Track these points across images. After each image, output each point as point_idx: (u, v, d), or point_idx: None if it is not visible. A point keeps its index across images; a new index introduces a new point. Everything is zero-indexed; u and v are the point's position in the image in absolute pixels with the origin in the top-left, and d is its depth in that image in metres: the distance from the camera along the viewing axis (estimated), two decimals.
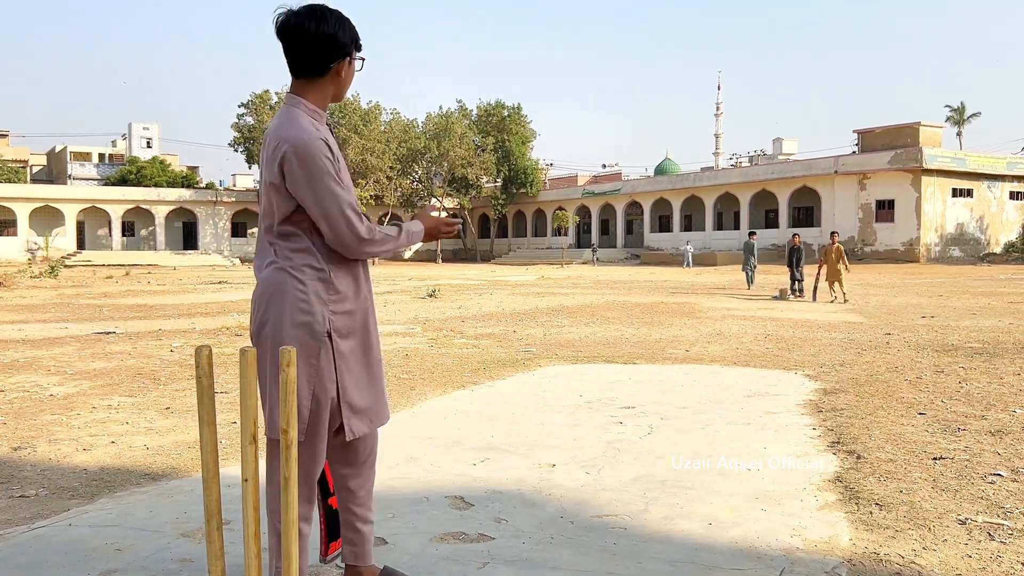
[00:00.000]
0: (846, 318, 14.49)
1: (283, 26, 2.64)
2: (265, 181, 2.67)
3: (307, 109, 2.67)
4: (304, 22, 2.62)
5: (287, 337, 2.62)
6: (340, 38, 2.65)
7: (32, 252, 60.12)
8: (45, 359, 9.16)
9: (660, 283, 28.59)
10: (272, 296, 2.65)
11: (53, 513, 3.89)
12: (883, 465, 4.64)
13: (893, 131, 49.78)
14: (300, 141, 2.56)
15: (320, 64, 2.66)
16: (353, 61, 2.75)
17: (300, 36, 2.62)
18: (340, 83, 2.74)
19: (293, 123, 2.61)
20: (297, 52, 2.65)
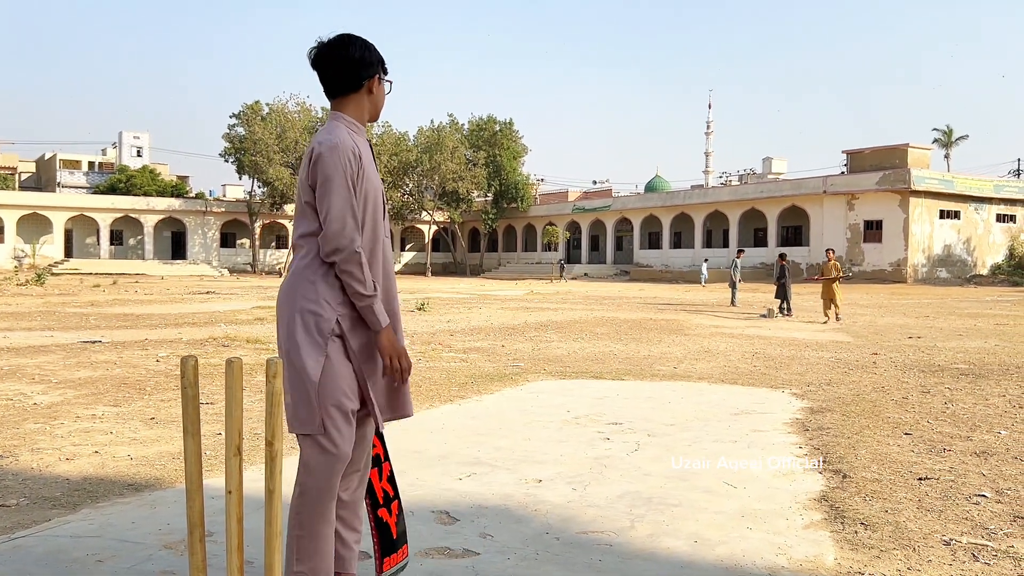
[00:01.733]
0: (833, 337, 14.54)
1: (318, 55, 2.87)
2: (300, 186, 2.81)
3: (346, 122, 2.85)
4: (335, 47, 2.85)
5: (298, 337, 2.71)
6: (367, 58, 2.86)
7: (19, 260, 59.77)
8: (29, 367, 9.10)
9: (649, 299, 28.65)
10: (284, 298, 2.79)
11: (34, 523, 3.85)
12: (869, 485, 4.65)
13: (882, 152, 50.14)
14: (330, 142, 2.72)
15: (353, 81, 2.86)
16: (382, 82, 2.95)
17: (333, 59, 2.84)
18: (373, 99, 2.93)
19: (330, 131, 2.79)
20: (332, 74, 2.86)
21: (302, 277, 2.75)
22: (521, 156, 72.51)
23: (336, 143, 2.71)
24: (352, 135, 2.80)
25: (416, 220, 75.15)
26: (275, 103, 65.24)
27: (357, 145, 2.78)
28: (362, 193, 2.75)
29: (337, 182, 2.68)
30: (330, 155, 2.69)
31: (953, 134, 73.66)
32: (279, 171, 62.07)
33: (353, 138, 2.79)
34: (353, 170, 2.72)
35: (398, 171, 67.40)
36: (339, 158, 2.69)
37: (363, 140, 2.86)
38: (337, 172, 2.69)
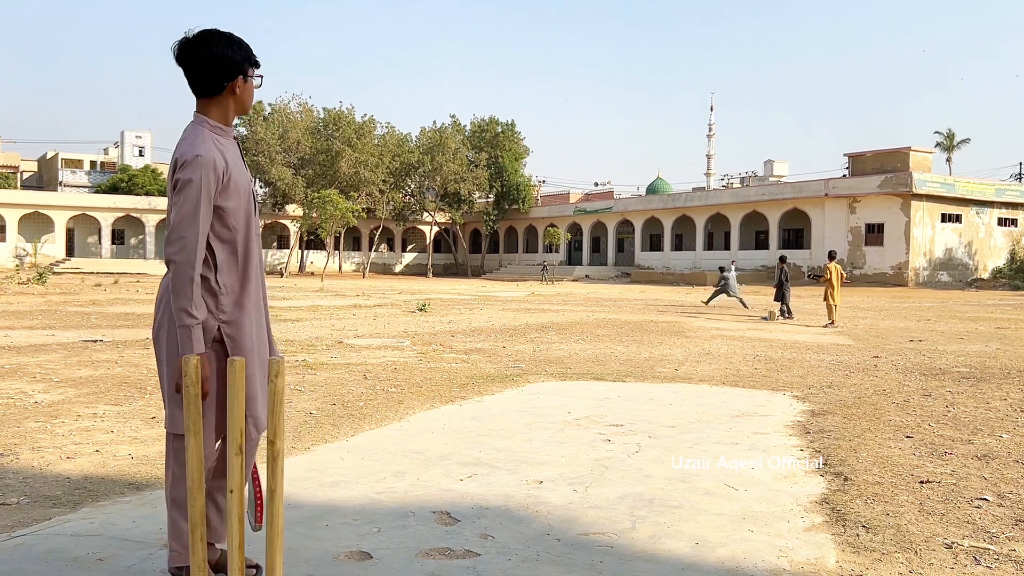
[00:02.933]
0: (835, 340, 14.54)
1: (179, 53, 2.86)
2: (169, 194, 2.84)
3: (210, 126, 2.87)
4: (196, 47, 2.84)
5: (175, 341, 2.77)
6: (230, 58, 2.86)
7: (20, 258, 59.78)
8: (31, 366, 9.10)
9: (650, 301, 28.63)
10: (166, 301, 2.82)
11: (35, 521, 3.85)
12: (870, 488, 4.64)
13: (883, 155, 50.12)
14: (192, 153, 2.74)
15: (215, 83, 2.86)
16: (249, 79, 2.94)
17: (194, 60, 2.85)
18: (238, 99, 2.94)
19: (194, 139, 2.80)
20: (194, 75, 2.87)
21: None
22: (523, 157, 72.54)
23: (199, 154, 2.73)
24: (217, 141, 2.83)
25: (418, 221, 75.16)
26: (277, 103, 65.25)
27: (223, 154, 2.80)
28: (233, 201, 2.82)
29: (190, 194, 2.71)
30: (190, 167, 2.72)
31: (955, 137, 73.71)
32: (281, 171, 62.08)
33: (218, 145, 2.82)
34: (212, 185, 2.75)
35: (400, 172, 67.42)
36: (198, 171, 2.72)
37: (229, 142, 2.90)
38: (193, 185, 2.71)
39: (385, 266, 77.08)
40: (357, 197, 63.33)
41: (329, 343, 12.38)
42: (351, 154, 61.58)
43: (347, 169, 61.59)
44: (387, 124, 68.19)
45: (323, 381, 8.38)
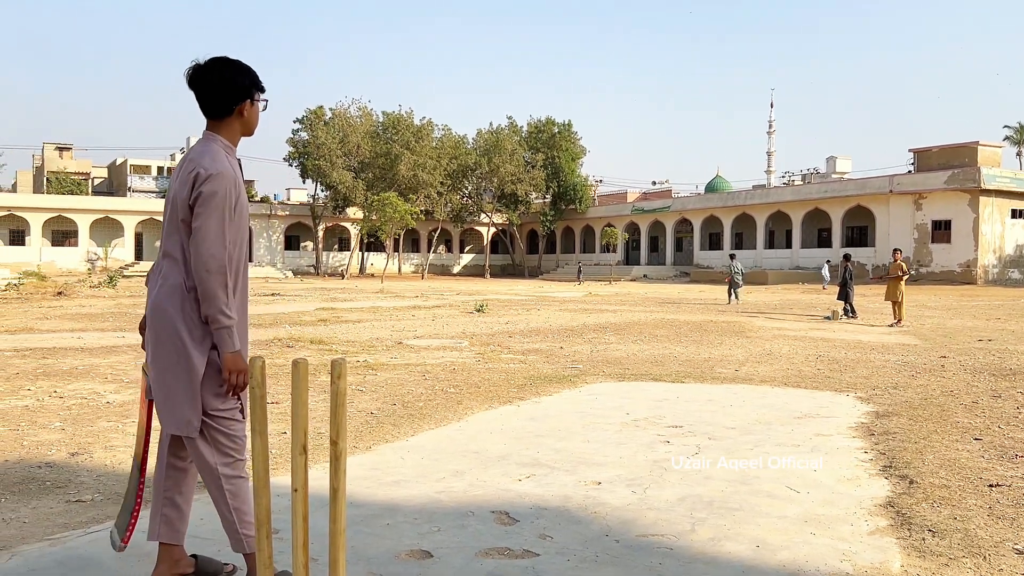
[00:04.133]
0: (900, 340, 14.22)
1: (191, 78, 3.06)
2: (174, 202, 3.00)
3: (222, 144, 3.06)
4: (207, 73, 3.04)
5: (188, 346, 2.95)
6: (238, 83, 3.06)
7: (92, 262, 61.64)
8: (102, 367, 9.39)
9: (710, 301, 28.33)
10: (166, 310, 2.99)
11: (108, 518, 3.98)
12: (937, 491, 4.55)
13: (950, 150, 48.83)
14: (216, 170, 2.93)
15: (224, 106, 3.06)
16: (256, 103, 3.13)
17: (204, 84, 3.04)
18: (245, 122, 3.13)
19: (212, 156, 2.98)
20: (205, 98, 3.06)
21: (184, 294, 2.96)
22: (580, 157, 72.37)
23: (221, 171, 2.93)
24: (228, 159, 3.03)
25: (475, 222, 75.53)
26: (337, 108, 66.17)
27: (235, 173, 2.99)
28: (237, 219, 2.98)
29: (216, 206, 2.90)
30: (215, 182, 2.90)
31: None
32: (342, 175, 62.95)
33: (230, 163, 3.01)
34: (232, 200, 2.95)
35: (457, 174, 67.83)
36: (223, 184, 2.91)
37: (234, 160, 3.08)
38: (218, 197, 2.90)
39: (443, 267, 77.61)
40: (416, 199, 63.91)
41: (389, 344, 12.53)
42: (410, 157, 62.16)
43: (406, 172, 62.17)
44: (444, 126, 68.63)
45: (383, 381, 8.49)
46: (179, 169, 3.04)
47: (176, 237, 3.00)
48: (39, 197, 66.56)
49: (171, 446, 3.15)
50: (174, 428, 3.01)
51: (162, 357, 2.99)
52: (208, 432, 3.00)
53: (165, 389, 3.00)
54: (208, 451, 3.01)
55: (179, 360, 2.95)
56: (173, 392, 2.97)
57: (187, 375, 2.95)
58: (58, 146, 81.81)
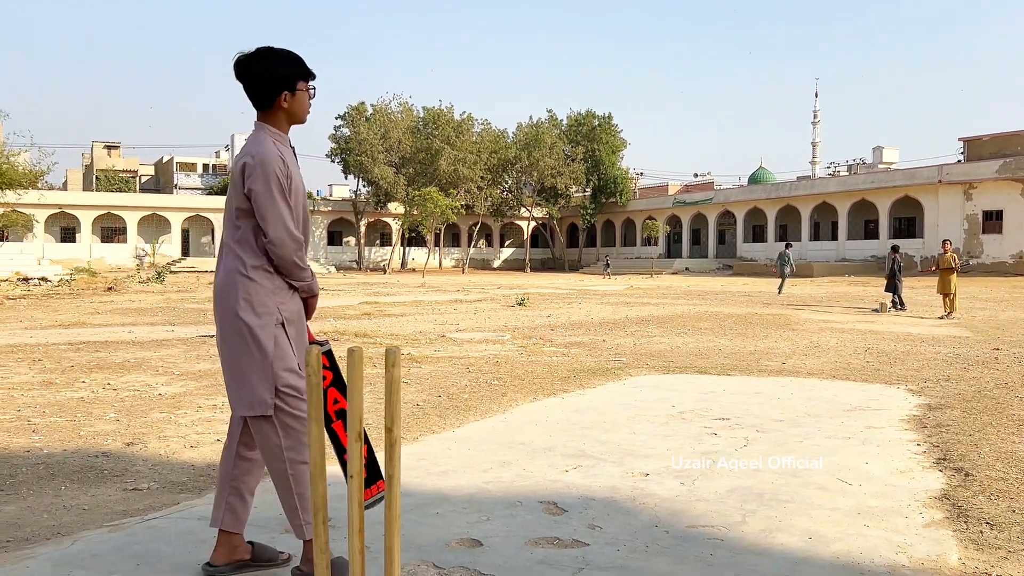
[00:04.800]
0: (951, 332, 13.96)
1: (236, 69, 3.12)
2: (229, 195, 3.10)
3: (271, 133, 3.12)
4: (248, 64, 3.09)
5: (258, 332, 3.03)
6: (279, 74, 3.09)
7: (140, 258, 62.75)
8: (154, 360, 9.57)
9: (754, 294, 28.04)
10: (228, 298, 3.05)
11: (164, 506, 4.06)
12: (993, 483, 4.46)
13: (1002, 139, 47.72)
14: (260, 155, 3.00)
15: (266, 98, 3.11)
16: (298, 92, 3.14)
17: (247, 75, 3.10)
18: (290, 111, 3.16)
19: (257, 143, 3.06)
20: (249, 89, 3.13)
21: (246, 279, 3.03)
22: (620, 150, 72.01)
23: (265, 156, 2.99)
24: (277, 145, 3.07)
25: (515, 216, 75.54)
26: (379, 104, 66.54)
27: (282, 155, 3.04)
28: (293, 197, 3.06)
29: (274, 193, 2.99)
30: (262, 169, 2.98)
31: None
32: (383, 170, 63.35)
33: (278, 147, 3.06)
34: (283, 181, 3.01)
35: (497, 168, 67.88)
36: (269, 168, 2.98)
37: (286, 149, 3.12)
38: (271, 183, 2.98)
39: (483, 261, 77.76)
40: (456, 194, 64.10)
41: (432, 337, 12.59)
42: (450, 152, 62.34)
43: (446, 167, 62.37)
44: (484, 121, 68.67)
45: (428, 374, 8.54)
46: (234, 164, 3.13)
47: (231, 226, 3.09)
48: (89, 195, 67.96)
49: (242, 436, 3.18)
50: (247, 409, 3.04)
51: (229, 341, 3.06)
52: (278, 415, 3.04)
53: (236, 371, 3.05)
54: (276, 434, 3.04)
55: (246, 341, 3.02)
56: (245, 373, 3.03)
57: (257, 354, 3.02)
58: (106, 144, 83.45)
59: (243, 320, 3.02)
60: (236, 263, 3.05)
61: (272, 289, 3.08)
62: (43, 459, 4.99)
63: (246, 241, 3.05)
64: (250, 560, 3.21)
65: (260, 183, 2.98)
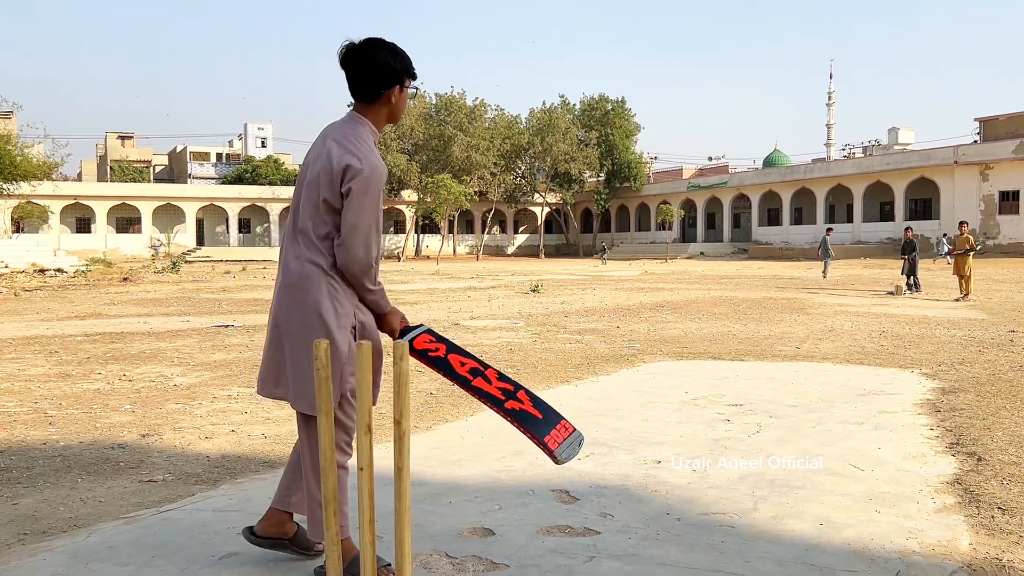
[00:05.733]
0: (967, 315, 13.87)
1: (344, 57, 3.02)
2: (316, 181, 2.95)
3: (370, 130, 3.04)
4: (359, 53, 3.00)
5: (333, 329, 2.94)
6: (391, 66, 3.00)
7: (155, 248, 63.14)
8: (169, 351, 9.64)
9: (769, 278, 27.94)
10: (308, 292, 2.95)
11: (179, 497, 4.10)
12: (1006, 468, 4.44)
13: (1018, 119, 47.31)
14: (372, 165, 2.90)
15: (373, 90, 3.02)
16: (405, 89, 3.07)
17: (356, 65, 3.00)
18: (393, 108, 3.08)
19: (361, 142, 2.95)
20: (355, 79, 3.02)
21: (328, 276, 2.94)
22: (634, 135, 71.71)
23: (375, 166, 2.90)
24: (375, 147, 3.01)
25: (529, 203, 75.43)
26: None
27: (383, 165, 2.97)
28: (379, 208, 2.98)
29: (371, 204, 2.90)
30: (371, 176, 2.89)
31: None
32: (396, 157, 63.34)
33: (378, 154, 2.99)
34: (382, 197, 2.97)
35: (510, 154, 67.75)
36: (377, 182, 2.91)
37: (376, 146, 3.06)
38: (372, 195, 2.90)
39: (498, 248, 77.75)
40: (469, 180, 64.04)
41: (446, 325, 12.62)
42: (463, 138, 62.25)
43: (459, 153, 62.30)
44: (497, 107, 68.48)
45: None
46: (322, 145, 3.00)
47: (318, 216, 2.95)
48: (103, 185, 68.38)
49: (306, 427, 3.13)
50: (308, 407, 2.95)
51: (302, 335, 2.95)
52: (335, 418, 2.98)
53: (303, 367, 2.94)
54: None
55: (323, 338, 2.89)
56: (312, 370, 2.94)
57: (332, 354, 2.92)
58: (120, 135, 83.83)
59: (323, 317, 2.92)
60: (318, 257, 2.94)
61: (351, 292, 3.00)
62: (60, 451, 5.04)
63: (330, 239, 2.95)
64: (289, 541, 3.22)
65: (359, 193, 2.88)
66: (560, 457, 2.90)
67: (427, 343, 3.14)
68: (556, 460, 2.91)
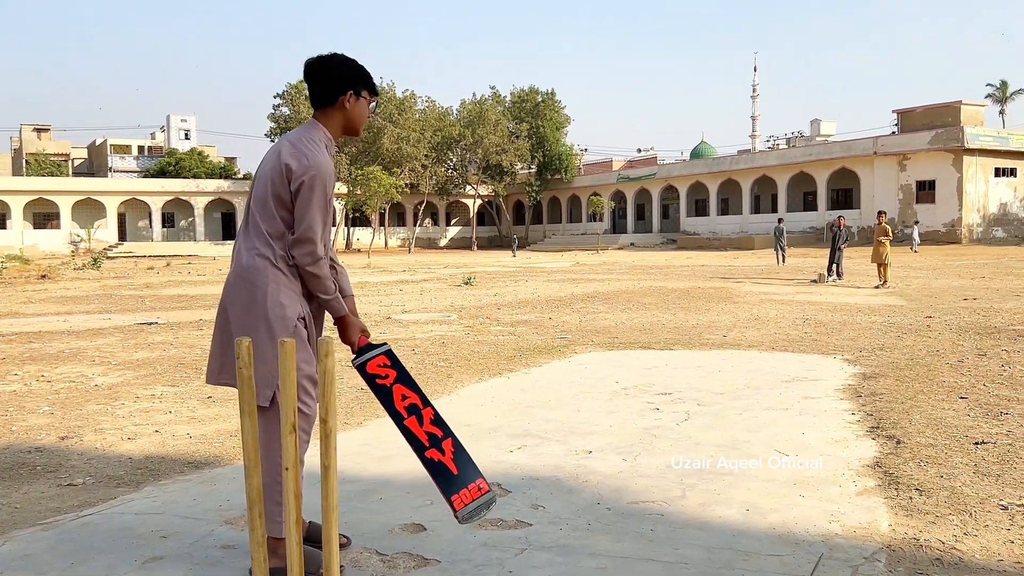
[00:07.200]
0: (886, 301, 14.31)
1: (305, 68, 3.20)
2: (266, 178, 3.09)
3: (324, 136, 3.17)
4: (317, 61, 3.19)
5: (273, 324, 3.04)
6: (343, 74, 3.17)
7: (75, 244, 61.21)
8: (89, 350, 9.35)
9: (697, 268, 28.39)
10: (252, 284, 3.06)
11: (100, 501, 3.98)
12: (923, 450, 4.59)
13: (934, 111, 48.89)
14: (318, 166, 3.03)
15: (326, 95, 3.17)
16: (360, 98, 3.20)
17: (313, 73, 3.18)
18: (348, 116, 3.20)
19: (315, 145, 3.09)
20: (312, 86, 3.20)
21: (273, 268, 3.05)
22: (564, 127, 72.10)
23: (321, 165, 3.04)
24: (328, 150, 3.16)
25: (460, 195, 75.27)
26: None
27: (330, 165, 3.11)
28: (328, 207, 3.10)
29: (318, 202, 3.04)
30: (316, 175, 3.02)
31: (1008, 88, 71.59)
32: None
33: (327, 155, 3.12)
34: (329, 192, 3.08)
35: (441, 146, 67.47)
36: (324, 181, 3.04)
37: (331, 152, 3.19)
38: (319, 193, 3.03)
39: (430, 240, 77.43)
40: (400, 173, 63.61)
41: (377, 319, 12.52)
42: (393, 130, 61.77)
43: (389, 145, 61.81)
44: (427, 99, 68.15)
45: None
46: (276, 146, 3.14)
47: (266, 212, 3.08)
48: (19, 180, 65.96)
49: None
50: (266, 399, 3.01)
51: (246, 324, 3.02)
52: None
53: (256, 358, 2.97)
54: (277, 427, 2.97)
55: (268, 328, 3.00)
56: (261, 360, 2.97)
57: (270, 344, 2.99)
58: (36, 127, 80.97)
59: (268, 308, 3.02)
60: (266, 250, 3.06)
61: (295, 287, 3.10)
62: None
63: (281, 235, 3.07)
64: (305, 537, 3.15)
65: (307, 190, 3.01)
66: (461, 518, 2.99)
67: (379, 367, 3.18)
68: (458, 520, 3.01)
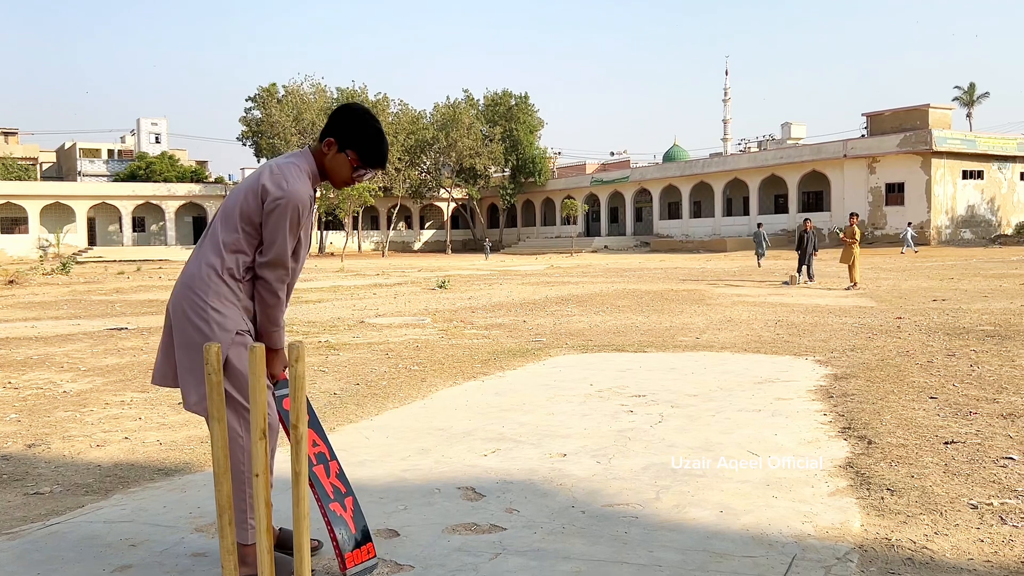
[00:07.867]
0: (857, 303, 14.45)
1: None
2: (241, 192, 3.10)
3: (308, 163, 3.18)
4: (345, 104, 3.29)
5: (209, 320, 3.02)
6: (339, 123, 3.18)
7: (43, 249, 60.39)
8: (58, 356, 9.22)
9: (671, 270, 28.53)
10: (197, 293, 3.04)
11: (68, 509, 3.92)
12: (894, 450, 4.63)
13: (902, 114, 49.51)
14: (294, 193, 3.05)
15: (323, 132, 3.21)
16: (342, 154, 3.18)
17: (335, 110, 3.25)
18: (328, 163, 3.20)
19: (295, 169, 3.11)
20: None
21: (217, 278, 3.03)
22: (537, 130, 72.21)
23: (299, 195, 3.05)
24: (308, 183, 3.15)
25: (434, 198, 75.14)
26: (291, 85, 65.31)
27: (306, 194, 3.12)
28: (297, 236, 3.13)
29: (288, 229, 3.05)
30: (291, 203, 3.03)
31: (975, 91, 72.59)
32: None
33: (304, 184, 3.12)
34: (303, 221, 3.11)
35: (415, 149, 67.35)
36: (296, 209, 3.05)
37: (314, 187, 3.22)
38: (291, 220, 3.05)
39: (404, 244, 77.22)
40: (373, 176, 63.30)
41: (351, 323, 12.46)
42: None
43: None
44: (400, 102, 68.00)
45: (346, 361, 8.44)
46: (263, 169, 3.15)
47: (229, 223, 3.07)
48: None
49: None
50: (195, 405, 2.98)
51: (185, 332, 3.01)
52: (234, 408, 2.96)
53: (185, 364, 3.00)
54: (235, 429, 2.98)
55: (203, 337, 2.97)
56: (197, 369, 2.96)
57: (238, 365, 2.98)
58: (3, 131, 79.79)
59: (205, 318, 2.99)
60: (215, 260, 3.04)
61: (237, 301, 3.06)
62: None
63: (236, 249, 3.05)
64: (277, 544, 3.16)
65: (278, 215, 3.02)
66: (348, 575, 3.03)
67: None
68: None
